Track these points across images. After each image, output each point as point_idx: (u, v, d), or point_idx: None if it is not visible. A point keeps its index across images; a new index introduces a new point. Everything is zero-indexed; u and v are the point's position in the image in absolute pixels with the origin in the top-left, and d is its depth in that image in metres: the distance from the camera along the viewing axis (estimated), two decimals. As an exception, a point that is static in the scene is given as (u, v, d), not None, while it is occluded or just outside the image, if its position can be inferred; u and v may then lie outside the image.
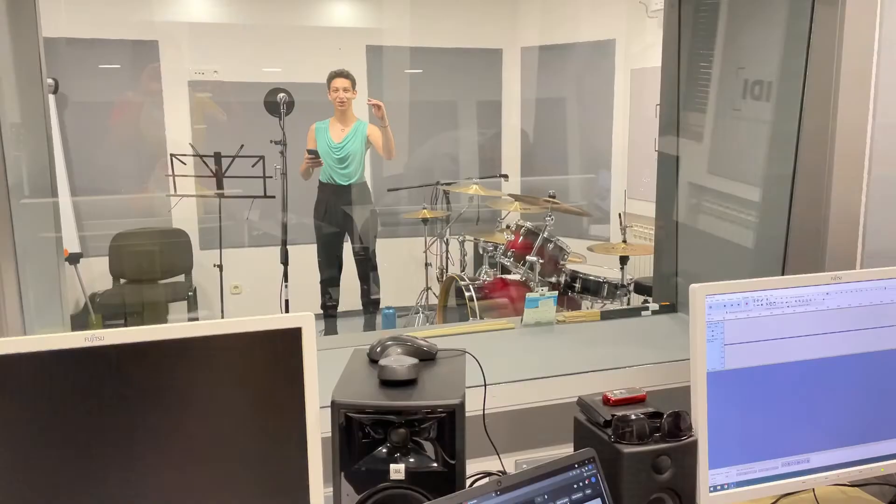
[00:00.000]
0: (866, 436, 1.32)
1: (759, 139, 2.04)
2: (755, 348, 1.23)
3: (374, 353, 1.20)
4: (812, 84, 1.77)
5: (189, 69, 4.99)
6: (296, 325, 1.04)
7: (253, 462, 1.05)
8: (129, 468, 0.99)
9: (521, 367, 1.88)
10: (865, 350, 1.30)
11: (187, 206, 4.81)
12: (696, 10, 2.27)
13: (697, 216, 2.37)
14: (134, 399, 0.98)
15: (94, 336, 0.96)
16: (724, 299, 1.21)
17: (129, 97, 4.89)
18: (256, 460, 1.05)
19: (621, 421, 1.17)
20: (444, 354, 1.23)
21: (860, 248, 1.78)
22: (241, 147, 3.92)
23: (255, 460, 1.05)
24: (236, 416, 1.03)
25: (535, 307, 2.34)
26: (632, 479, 1.15)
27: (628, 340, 2.25)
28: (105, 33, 4.76)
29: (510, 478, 1.03)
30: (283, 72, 5.12)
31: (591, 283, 3.79)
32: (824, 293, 1.27)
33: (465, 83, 5.66)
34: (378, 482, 1.04)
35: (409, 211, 4.98)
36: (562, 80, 5.59)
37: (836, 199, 1.74)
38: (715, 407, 1.22)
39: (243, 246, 5.12)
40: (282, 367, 1.04)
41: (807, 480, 1.28)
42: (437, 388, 1.09)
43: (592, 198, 5.55)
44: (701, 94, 2.29)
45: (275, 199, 4.08)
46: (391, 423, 1.04)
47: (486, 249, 4.26)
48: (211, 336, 1.01)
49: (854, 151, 1.73)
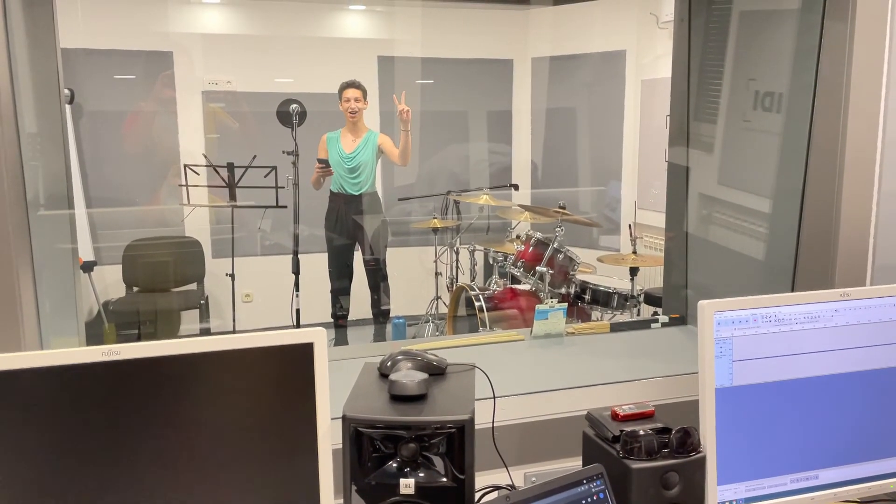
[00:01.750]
0: (875, 452, 1.32)
1: (770, 151, 2.04)
2: (764, 365, 1.24)
3: (385, 368, 1.21)
4: (822, 98, 1.77)
5: (203, 79, 5.04)
6: (308, 340, 1.06)
7: (265, 476, 1.06)
8: (144, 483, 1.01)
9: (530, 379, 1.88)
10: (874, 367, 1.30)
11: (200, 215, 4.85)
12: (706, 22, 2.28)
13: (708, 227, 2.37)
14: (149, 413, 1.00)
15: (110, 351, 0.98)
16: (732, 316, 1.22)
17: (143, 106, 4.95)
18: (268, 474, 1.06)
19: (630, 437, 1.18)
20: (453, 369, 1.25)
21: (870, 263, 1.77)
22: (254, 158, 3.96)
23: (266, 474, 1.06)
24: (248, 430, 1.05)
25: (544, 319, 2.35)
26: (640, 495, 1.15)
27: (638, 353, 2.25)
28: (120, 44, 4.82)
29: (519, 493, 1.03)
30: (296, 82, 5.16)
31: (600, 294, 3.79)
32: (833, 310, 1.28)
33: (476, 94, 5.69)
34: (388, 496, 1.05)
35: (419, 220, 5.00)
36: (572, 91, 5.60)
37: (845, 212, 1.74)
38: (723, 423, 1.22)
39: (255, 255, 5.15)
40: (293, 381, 1.06)
41: (815, 497, 1.28)
42: (446, 403, 1.10)
43: (602, 208, 5.56)
44: (711, 106, 2.29)
45: (286, 209, 4.11)
46: (401, 438, 1.06)
47: (496, 259, 4.27)
48: (225, 351, 1.03)
49: (864, 165, 1.73)
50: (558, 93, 5.66)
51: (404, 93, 4.27)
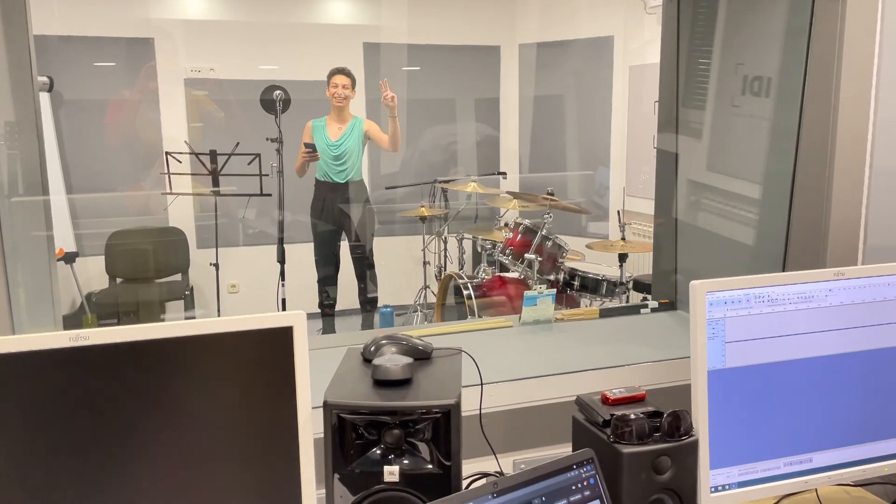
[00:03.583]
0: (870, 435, 1.29)
1: (759, 135, 2.02)
2: (757, 346, 1.21)
3: (368, 353, 1.17)
4: (813, 79, 1.75)
5: (185, 67, 4.96)
6: (287, 323, 1.02)
7: (244, 463, 1.02)
8: (117, 469, 0.97)
9: (519, 365, 1.85)
10: (869, 347, 1.28)
11: (184, 204, 4.79)
12: (694, 6, 2.25)
13: (697, 213, 2.35)
14: (121, 400, 0.96)
15: (79, 336, 0.94)
16: (725, 296, 1.19)
17: (125, 95, 4.87)
18: (247, 461, 1.02)
19: (620, 421, 1.15)
20: (439, 353, 1.21)
21: (862, 244, 1.75)
22: (237, 145, 3.90)
23: (245, 461, 1.02)
24: (226, 416, 1.01)
25: (533, 305, 2.32)
26: (631, 480, 1.12)
27: (627, 338, 2.23)
28: (100, 31, 4.73)
29: (507, 479, 1.00)
30: (281, 69, 5.09)
31: (589, 281, 3.77)
32: (827, 289, 1.25)
33: (464, 80, 5.64)
34: (372, 484, 1.01)
35: (407, 209, 4.96)
36: (560, 77, 5.57)
37: (836, 193, 1.72)
38: (716, 406, 1.19)
39: (241, 245, 5.09)
40: (273, 367, 1.02)
41: (809, 480, 1.26)
42: (432, 387, 1.06)
43: (591, 195, 5.53)
44: (700, 91, 2.27)
45: (272, 198, 4.05)
46: (385, 424, 1.02)
47: (484, 247, 4.24)
48: (200, 336, 0.99)
49: (855, 146, 1.71)
50: (546, 79, 5.61)
51: (386, 80, 4.22)
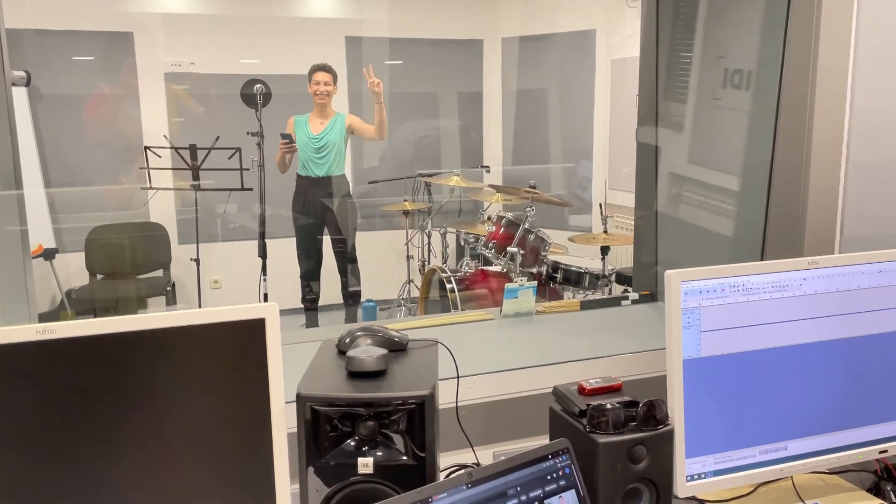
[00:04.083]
0: (844, 423, 1.30)
1: (739, 128, 2.03)
2: (732, 335, 1.21)
3: (343, 345, 1.16)
4: (789, 70, 1.76)
5: (165, 61, 4.91)
6: (259, 315, 1.01)
7: (217, 457, 1.01)
8: (86, 464, 0.95)
9: (499, 357, 1.85)
10: (843, 336, 1.29)
11: (165, 200, 4.74)
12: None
13: (678, 206, 2.36)
14: (90, 394, 0.95)
15: (45, 329, 0.92)
16: (700, 285, 1.19)
17: (105, 89, 4.81)
18: (221, 455, 1.01)
19: (596, 410, 1.15)
20: (415, 345, 1.20)
21: (838, 234, 1.77)
22: (217, 139, 3.86)
23: (219, 455, 1.01)
24: (199, 410, 1.00)
25: (514, 297, 2.32)
26: (607, 470, 1.12)
27: (608, 330, 2.24)
28: (78, 24, 4.67)
29: (482, 470, 1.00)
30: (262, 63, 5.05)
31: (572, 274, 3.77)
32: (801, 278, 1.26)
33: (446, 74, 5.62)
34: (346, 476, 1.01)
35: (390, 203, 4.94)
36: (543, 71, 5.56)
37: (813, 185, 1.73)
38: (691, 395, 1.20)
39: (223, 240, 5.06)
40: (246, 359, 1.01)
41: (784, 468, 1.27)
42: (407, 379, 1.06)
43: (573, 188, 5.54)
44: (681, 84, 2.27)
45: (254, 193, 4.02)
46: (359, 416, 1.01)
47: (467, 241, 4.24)
48: (170, 328, 0.97)
49: (832, 137, 1.72)
50: (529, 73, 5.61)
51: (371, 66, 4.20)
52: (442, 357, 1.32)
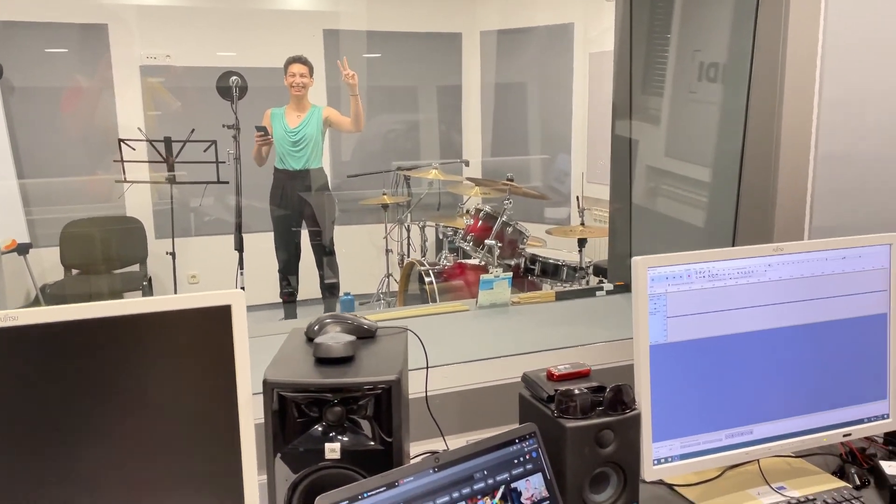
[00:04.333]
0: (808, 406, 1.32)
1: (715, 121, 2.05)
2: (698, 321, 1.23)
3: (312, 332, 1.16)
4: (759, 62, 1.78)
5: (140, 54, 4.85)
6: (225, 302, 1.00)
7: (184, 446, 1.01)
8: (48, 453, 0.95)
9: (474, 347, 1.86)
10: (807, 321, 1.31)
11: (142, 194, 4.70)
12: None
13: (655, 198, 2.37)
14: (52, 382, 0.94)
15: (7, 316, 0.91)
16: (666, 272, 1.20)
17: (82, 82, 4.75)
18: (188, 445, 1.01)
19: (564, 395, 1.16)
20: (384, 332, 1.21)
21: (807, 224, 1.79)
22: (192, 132, 3.83)
23: (186, 445, 1.01)
24: (165, 398, 0.99)
25: (489, 289, 2.33)
26: (575, 454, 1.13)
27: (583, 320, 2.25)
28: (51, 16, 4.61)
29: (448, 454, 1.01)
30: (239, 56, 5.01)
31: (550, 266, 3.79)
32: (766, 265, 1.28)
33: (425, 68, 5.61)
34: (314, 462, 1.01)
35: (368, 197, 4.93)
36: (521, 65, 5.57)
37: (783, 175, 1.75)
38: (658, 380, 1.21)
39: (201, 234, 5.02)
40: (212, 347, 1.00)
41: (750, 451, 1.29)
42: (374, 365, 1.06)
43: (551, 181, 5.56)
44: (658, 78, 2.29)
45: (232, 187, 4.00)
46: (326, 402, 1.01)
47: (445, 234, 4.24)
48: (134, 315, 0.97)
49: (800, 129, 1.74)
50: (507, 66, 5.62)
51: (346, 58, 4.19)
52: (416, 347, 1.33)
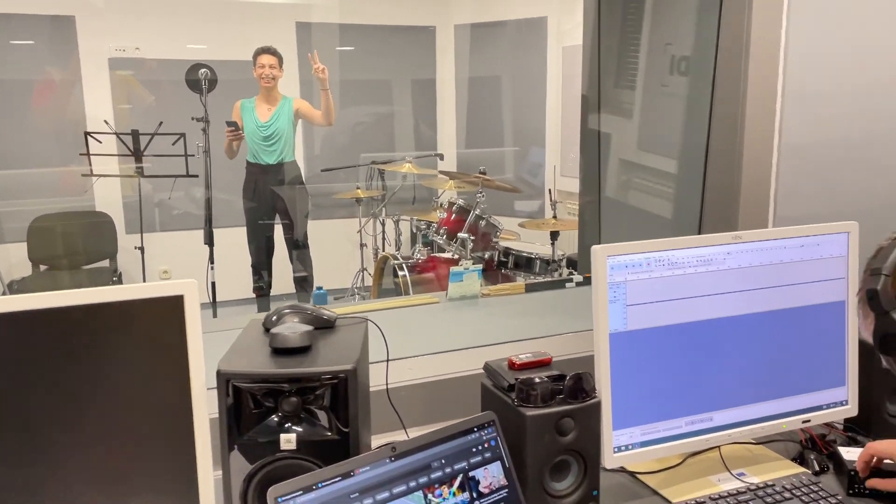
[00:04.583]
0: (768, 394, 1.34)
1: (685, 114, 2.06)
2: (657, 308, 1.23)
3: (270, 322, 1.15)
4: (723, 55, 1.79)
5: (109, 46, 4.78)
6: (177, 292, 0.99)
7: (139, 440, 0.99)
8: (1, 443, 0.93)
9: (443, 339, 1.86)
10: (766, 309, 1.32)
11: (112, 188, 4.63)
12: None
13: (628, 192, 2.38)
14: (3, 371, 0.92)
15: (-51, 307, 0.89)
16: (625, 260, 1.21)
17: (48, 74, 4.66)
18: (142, 438, 0.99)
19: (524, 384, 1.16)
20: (343, 322, 1.20)
21: (771, 214, 1.81)
22: (160, 124, 3.77)
23: (140, 438, 0.99)
24: (117, 390, 0.97)
25: (459, 281, 2.33)
26: (535, 442, 1.13)
27: (552, 312, 2.26)
28: (16, 7, 4.51)
29: (406, 443, 1.00)
30: (209, 49, 4.95)
31: (523, 259, 3.80)
32: (726, 253, 1.28)
33: (399, 61, 5.58)
34: (269, 454, 1.00)
35: (342, 190, 4.90)
36: (496, 58, 5.57)
37: (747, 166, 1.76)
38: (618, 368, 1.22)
39: (174, 229, 4.96)
40: (164, 338, 0.99)
41: (710, 439, 1.30)
42: (331, 354, 1.05)
43: (525, 174, 5.57)
44: (631, 72, 2.30)
45: (198, 178, 3.95)
46: (282, 392, 1.00)
47: (419, 228, 4.23)
48: (84, 305, 0.95)
49: (764, 120, 1.76)
50: (481, 60, 5.61)
51: (316, 52, 4.16)
52: (381, 340, 1.32)
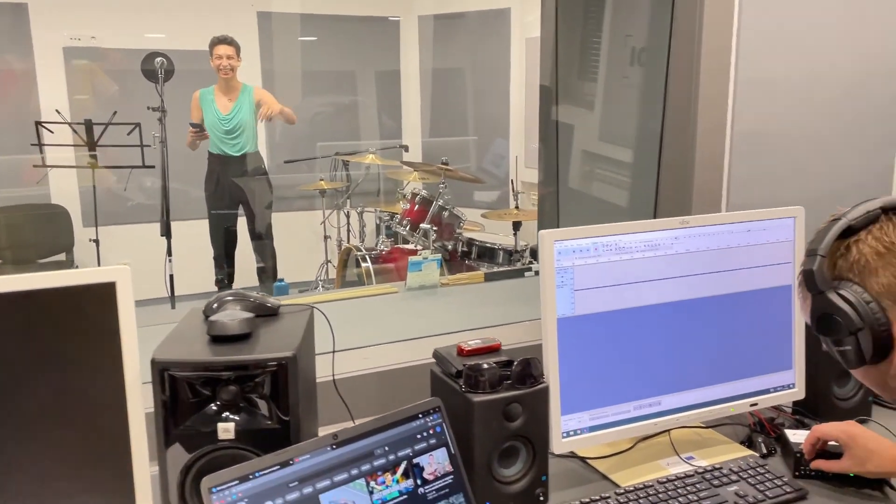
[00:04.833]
0: (716, 377, 1.35)
1: (643, 104, 2.07)
2: (605, 293, 1.23)
3: (210, 310, 1.12)
4: (677, 43, 1.79)
5: (64, 35, 4.66)
6: (109, 279, 0.96)
7: (72, 431, 0.96)
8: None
9: (400, 329, 1.85)
10: (714, 293, 1.33)
11: (68, 179, 4.52)
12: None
13: (591, 182, 2.39)
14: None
15: None
16: (573, 245, 1.20)
17: (15, 64, 4.53)
18: (77, 431, 0.96)
19: (472, 370, 1.15)
20: (288, 310, 1.18)
21: (725, 201, 1.82)
22: (115, 114, 3.69)
23: (76, 431, 0.96)
24: (48, 383, 0.94)
25: (418, 270, 2.31)
26: (483, 428, 1.13)
27: (510, 300, 2.26)
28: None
29: (347, 431, 0.98)
30: (168, 38, 4.86)
31: (486, 250, 3.80)
32: (673, 237, 1.29)
33: (363, 52, 5.54)
34: (207, 444, 0.98)
35: (306, 182, 4.85)
36: (459, 50, 5.55)
37: (700, 154, 1.77)
38: (566, 353, 1.21)
39: (134, 221, 4.85)
40: (95, 327, 0.96)
41: (659, 423, 1.30)
42: (271, 342, 1.03)
43: (488, 165, 5.57)
44: (593, 64, 2.30)
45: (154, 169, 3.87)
46: (221, 381, 0.98)
47: (382, 219, 4.21)
48: (8, 294, 0.91)
49: (717, 108, 1.77)
50: (445, 51, 5.59)
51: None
52: (340, 329, 1.30)
